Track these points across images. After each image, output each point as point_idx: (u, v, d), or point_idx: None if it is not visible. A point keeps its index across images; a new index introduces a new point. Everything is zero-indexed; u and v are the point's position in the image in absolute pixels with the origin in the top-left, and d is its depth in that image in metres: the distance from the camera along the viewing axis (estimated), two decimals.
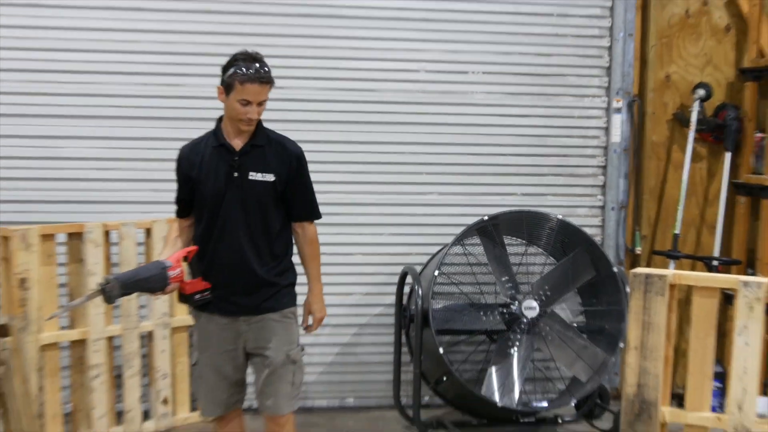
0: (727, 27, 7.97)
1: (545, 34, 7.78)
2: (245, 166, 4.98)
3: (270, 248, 5.09)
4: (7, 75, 7.05)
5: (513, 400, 7.02)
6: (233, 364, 5.17)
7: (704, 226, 8.05)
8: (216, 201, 4.97)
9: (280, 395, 5.13)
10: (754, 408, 5.02)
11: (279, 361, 5.10)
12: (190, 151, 5.11)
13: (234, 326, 5.10)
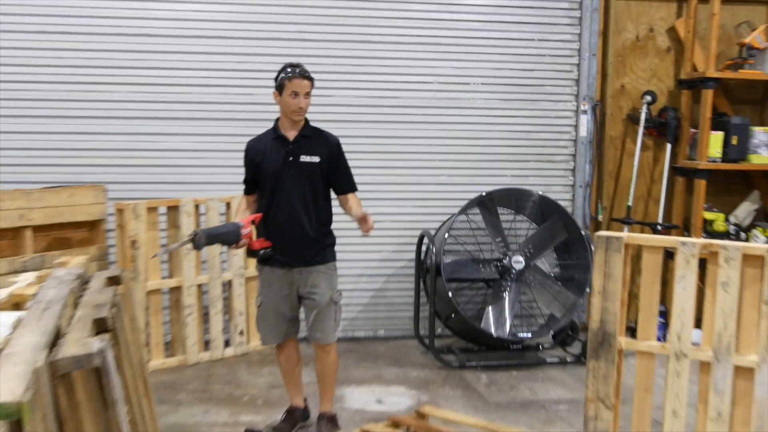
0: (668, 48, 7.97)
1: (529, 54, 7.78)
2: (297, 152, 5.09)
3: (317, 215, 5.15)
4: (121, 88, 7.08)
5: (505, 331, 7.08)
6: (289, 305, 5.24)
7: (651, 199, 8.04)
8: (276, 178, 5.07)
9: (325, 329, 5.19)
10: (690, 338, 4.98)
11: (324, 302, 5.16)
12: (256, 142, 5.24)
13: (289, 276, 5.17)
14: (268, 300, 5.24)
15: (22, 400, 1.96)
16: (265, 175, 5.13)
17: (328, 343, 5.23)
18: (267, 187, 5.12)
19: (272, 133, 5.20)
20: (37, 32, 6.88)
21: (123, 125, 7.12)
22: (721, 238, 7.09)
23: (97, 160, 7.09)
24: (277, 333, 5.29)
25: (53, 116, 6.99)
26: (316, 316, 5.18)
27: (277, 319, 5.26)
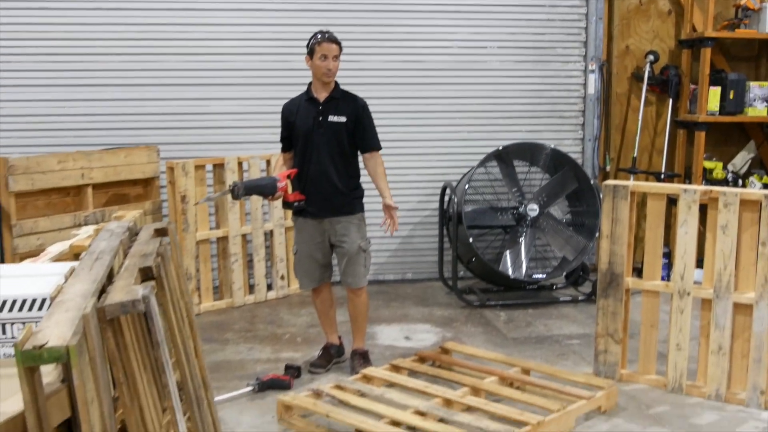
0: (669, 11, 7.82)
1: (540, 19, 7.65)
2: (326, 112, 5.09)
3: (345, 169, 5.15)
4: (171, 58, 7.05)
5: (521, 273, 7.05)
6: (321, 252, 5.24)
7: (654, 150, 7.92)
8: (307, 136, 5.08)
9: (356, 274, 5.20)
10: (692, 277, 4.94)
11: (353, 250, 5.16)
12: (290, 104, 5.25)
13: (321, 225, 5.17)
14: (303, 248, 5.24)
15: (70, 345, 1.91)
16: (297, 133, 5.14)
17: (359, 287, 5.24)
18: (299, 144, 5.13)
19: (305, 96, 5.19)
20: (95, 9, 6.82)
21: (173, 92, 7.08)
22: (720, 185, 7.00)
23: (150, 124, 7.06)
24: (312, 278, 5.30)
25: (110, 85, 6.94)
26: (347, 262, 5.19)
27: (311, 266, 5.26)
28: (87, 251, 2.88)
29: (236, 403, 4.76)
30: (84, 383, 1.96)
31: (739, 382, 4.82)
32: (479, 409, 4.45)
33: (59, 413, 2.17)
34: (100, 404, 2.07)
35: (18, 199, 5.74)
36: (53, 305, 2.23)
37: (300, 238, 5.26)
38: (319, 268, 5.28)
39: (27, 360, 1.89)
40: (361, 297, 5.28)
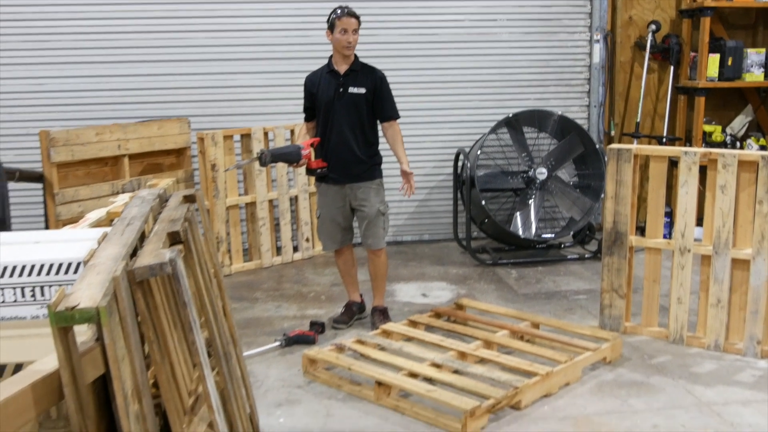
0: None
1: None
2: (346, 84, 5.05)
3: (365, 138, 5.12)
4: (199, 35, 7.02)
5: (531, 233, 7.02)
6: (343, 216, 5.23)
7: (656, 115, 7.80)
8: (328, 107, 5.05)
9: (376, 236, 5.20)
10: (692, 235, 4.90)
11: (373, 213, 5.16)
12: (312, 76, 5.21)
13: (342, 191, 5.16)
14: (326, 212, 5.23)
15: (100, 306, 1.89)
16: (319, 104, 5.11)
17: (379, 248, 5.23)
18: (321, 114, 5.11)
19: (326, 68, 5.15)
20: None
21: (202, 67, 7.04)
22: (719, 148, 6.88)
23: (182, 97, 7.04)
24: (334, 240, 5.29)
25: (143, 61, 6.93)
26: (367, 225, 5.18)
27: (334, 229, 5.25)
28: (119, 217, 2.86)
29: (265, 357, 4.76)
30: (114, 342, 1.94)
31: (737, 333, 4.78)
32: (491, 361, 4.45)
33: (94, 370, 2.16)
34: (131, 361, 2.06)
35: (59, 169, 5.74)
36: (86, 269, 2.21)
37: (323, 202, 5.25)
38: (341, 231, 5.27)
39: (60, 320, 1.88)
40: (380, 257, 5.27)
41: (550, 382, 4.19)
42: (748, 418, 3.94)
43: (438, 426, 3.85)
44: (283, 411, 4.06)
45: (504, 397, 3.93)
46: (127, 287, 2.13)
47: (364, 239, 5.24)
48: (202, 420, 2.28)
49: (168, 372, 2.26)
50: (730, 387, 4.31)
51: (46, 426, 2.24)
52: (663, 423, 3.90)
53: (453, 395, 3.94)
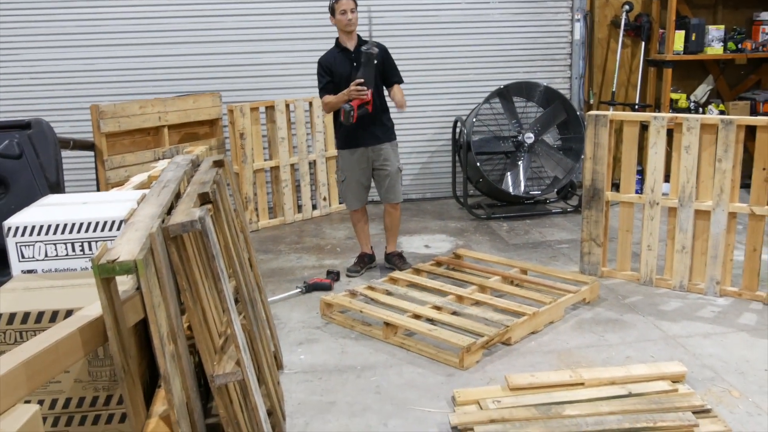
0: None
1: None
2: (358, 57, 4.91)
3: (380, 103, 5.04)
4: (228, 18, 6.91)
5: (520, 190, 6.94)
6: (366, 176, 5.18)
7: (630, 85, 7.66)
8: (347, 79, 4.90)
9: (396, 191, 5.20)
10: (661, 190, 4.83)
11: (394, 171, 5.14)
12: (327, 56, 5.08)
13: (366, 153, 5.09)
14: (351, 175, 5.15)
15: (137, 259, 1.87)
16: (339, 77, 4.96)
17: (399, 201, 5.25)
18: (341, 87, 4.94)
19: (336, 48, 5.06)
20: None
21: (232, 47, 6.94)
22: (684, 113, 6.80)
23: (214, 74, 6.95)
24: (360, 200, 5.23)
25: (180, 42, 6.84)
26: (390, 182, 5.14)
27: (359, 189, 5.19)
28: (157, 181, 2.83)
29: (288, 302, 4.75)
30: (151, 290, 1.92)
31: (699, 274, 4.74)
32: (485, 303, 4.42)
33: (135, 315, 2.15)
34: (167, 307, 2.04)
35: (108, 138, 5.69)
36: (126, 226, 2.19)
37: (348, 166, 5.14)
38: (365, 191, 5.22)
39: (102, 272, 1.86)
40: (397, 210, 5.26)
41: (536, 320, 4.17)
42: (709, 349, 3.91)
43: (439, 360, 3.83)
44: (304, 349, 4.05)
45: (496, 335, 3.92)
46: (162, 242, 2.11)
47: (386, 195, 5.18)
48: (231, 358, 2.27)
49: (200, 317, 2.24)
50: (693, 322, 4.28)
51: (94, 364, 2.23)
52: (635, 354, 3.88)
53: (452, 333, 3.92)
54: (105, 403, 2.28)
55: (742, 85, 7.78)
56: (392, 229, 5.34)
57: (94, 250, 2.51)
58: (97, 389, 2.26)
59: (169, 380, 1.93)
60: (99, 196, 2.99)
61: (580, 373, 3.50)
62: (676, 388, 3.35)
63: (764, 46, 7.34)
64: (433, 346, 3.96)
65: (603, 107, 7.53)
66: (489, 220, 6.69)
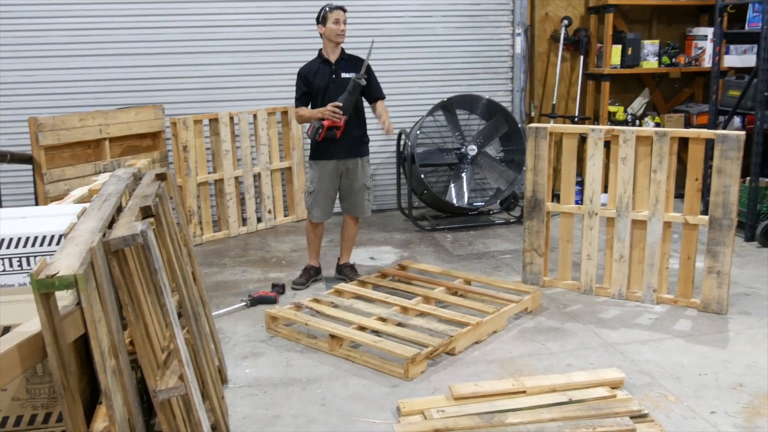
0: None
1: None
2: (338, 71, 5.07)
3: (357, 117, 5.11)
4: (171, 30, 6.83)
5: (464, 202, 7.02)
6: (334, 189, 5.21)
7: (569, 98, 7.84)
8: (325, 90, 5.02)
9: (363, 206, 5.28)
10: (599, 200, 4.95)
11: (361, 186, 5.23)
12: (308, 66, 5.13)
13: (337, 165, 5.12)
14: (320, 186, 5.14)
15: (77, 273, 1.85)
16: (316, 90, 5.02)
17: (365, 216, 5.35)
18: (319, 99, 5.02)
19: (318, 59, 5.10)
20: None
21: (174, 59, 6.85)
22: (622, 126, 6.97)
23: (156, 86, 6.85)
24: (326, 212, 5.22)
25: (122, 54, 6.72)
26: (356, 196, 5.19)
27: (326, 201, 5.19)
28: (98, 194, 2.79)
29: (232, 316, 4.72)
30: (91, 305, 1.90)
31: (637, 283, 4.87)
32: (430, 314, 4.47)
33: (75, 330, 2.12)
34: (108, 322, 2.02)
35: (47, 151, 5.59)
36: (65, 240, 2.16)
37: (318, 177, 5.12)
38: (331, 204, 5.22)
39: (41, 287, 1.84)
40: (357, 223, 5.36)
41: (479, 330, 4.22)
42: (646, 355, 4.02)
43: (384, 372, 3.86)
44: (249, 362, 4.03)
45: (440, 345, 3.96)
46: (103, 256, 2.09)
47: (352, 208, 5.22)
48: (174, 372, 2.25)
49: (142, 331, 2.23)
50: (631, 329, 4.39)
51: (33, 381, 2.19)
52: (575, 362, 3.96)
53: (396, 344, 3.95)
54: (44, 421, 2.24)
55: (676, 98, 8.03)
56: (349, 241, 5.40)
57: (33, 265, 2.47)
58: (36, 407, 2.23)
59: (111, 396, 1.92)
60: (38, 211, 2.94)
61: (522, 381, 3.56)
62: (614, 394, 3.44)
63: (697, 60, 7.59)
64: (378, 357, 3.99)
65: (544, 119, 7.67)
66: (434, 232, 6.75)
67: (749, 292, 4.96)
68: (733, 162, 4.42)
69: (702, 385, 3.66)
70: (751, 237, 6.11)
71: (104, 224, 2.33)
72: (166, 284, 2.29)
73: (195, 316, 2.81)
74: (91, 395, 2.42)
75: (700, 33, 7.65)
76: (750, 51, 7.19)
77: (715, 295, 4.59)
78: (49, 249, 2.46)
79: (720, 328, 4.38)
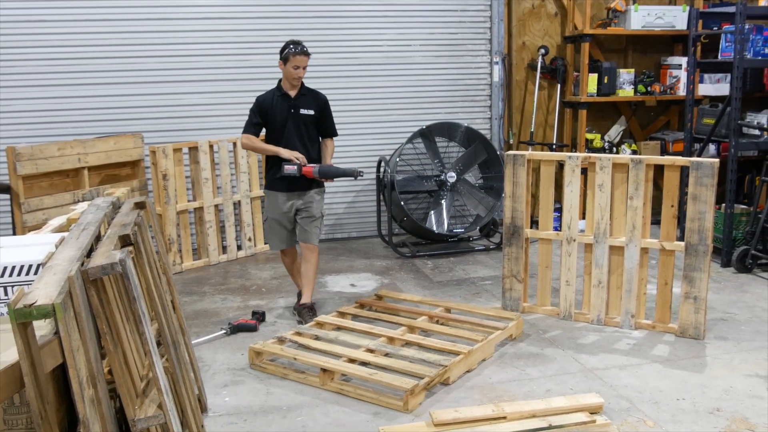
0: (556, 13, 7.81)
1: (454, 21, 7.57)
2: (297, 105, 5.07)
3: (313, 151, 5.13)
4: (151, 60, 6.85)
5: (444, 228, 7.05)
6: (288, 220, 5.17)
7: (547, 126, 7.94)
8: (283, 125, 5.05)
9: (312, 233, 5.16)
10: (577, 227, 4.99)
11: (313, 215, 5.14)
12: (265, 96, 5.12)
13: (291, 197, 5.11)
14: (273, 215, 5.17)
15: (55, 302, 1.85)
16: (272, 122, 5.04)
17: (314, 243, 5.15)
18: (275, 132, 5.06)
19: (277, 91, 5.09)
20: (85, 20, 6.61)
21: (153, 88, 6.87)
22: (599, 153, 7.05)
23: (135, 115, 6.85)
24: (282, 240, 5.22)
25: (100, 84, 6.72)
26: (307, 224, 5.12)
27: (280, 231, 5.18)
28: (76, 223, 2.80)
29: (212, 344, 4.70)
30: (69, 334, 1.90)
31: (615, 308, 4.91)
32: (416, 344, 4.45)
33: (52, 360, 2.11)
34: (86, 351, 2.02)
35: (25, 181, 5.58)
36: (43, 270, 2.16)
37: (271, 207, 5.16)
38: (287, 233, 5.20)
39: (19, 317, 1.84)
40: (314, 254, 5.15)
41: (471, 358, 4.22)
42: (625, 380, 4.05)
43: (381, 405, 3.80)
44: (229, 391, 4.02)
45: (436, 375, 3.94)
46: (82, 285, 2.09)
47: (302, 235, 5.14)
48: (153, 401, 2.25)
49: (121, 360, 2.23)
50: (610, 354, 4.42)
51: (10, 412, 2.18)
52: (555, 387, 3.98)
53: (394, 377, 3.91)
54: None
55: (653, 125, 8.15)
56: (307, 275, 5.20)
57: (11, 294, 2.46)
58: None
59: (89, 426, 1.91)
60: (15, 240, 2.94)
61: (503, 407, 3.57)
62: (594, 419, 3.46)
63: (672, 88, 7.72)
64: (373, 390, 3.93)
65: (522, 147, 7.75)
66: (414, 258, 6.77)
67: (726, 317, 5.02)
68: (708, 189, 4.49)
69: (680, 409, 3.70)
70: (728, 263, 6.19)
71: (83, 253, 2.33)
72: (144, 313, 2.29)
73: (174, 345, 2.81)
74: (69, 425, 2.40)
75: (674, 62, 7.79)
76: (723, 80, 7.35)
77: (692, 321, 4.64)
78: (27, 278, 2.46)
79: (697, 353, 4.42)
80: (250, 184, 6.92)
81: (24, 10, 6.47)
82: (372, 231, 7.56)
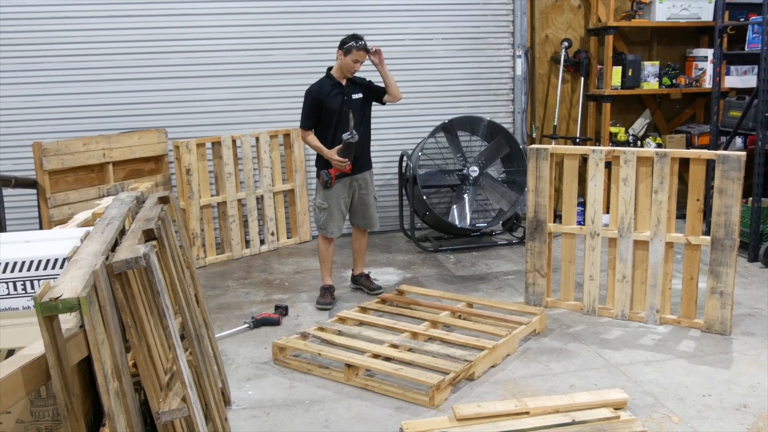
0: (579, 5, 7.75)
1: (476, 15, 7.54)
2: (349, 92, 5.28)
3: (366, 135, 5.40)
4: (175, 55, 6.90)
5: (466, 223, 7.02)
6: (346, 205, 5.41)
7: (570, 119, 7.88)
8: (337, 112, 5.22)
9: (375, 218, 5.57)
10: (601, 221, 4.96)
11: (372, 199, 5.51)
12: (318, 88, 5.26)
13: (350, 181, 5.36)
14: (334, 203, 5.31)
15: (80, 296, 1.87)
16: (328, 111, 5.21)
17: (377, 228, 5.65)
18: (333, 120, 5.22)
19: (328, 81, 5.28)
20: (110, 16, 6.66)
21: (177, 83, 6.92)
22: (623, 146, 7.00)
23: (159, 110, 6.91)
24: (340, 227, 5.39)
25: (125, 79, 6.79)
26: (370, 210, 5.47)
27: (340, 217, 5.37)
28: (101, 218, 2.82)
29: (235, 338, 4.72)
30: (94, 327, 1.92)
31: (640, 303, 4.87)
32: (440, 339, 4.43)
33: (78, 353, 2.14)
34: (111, 344, 2.04)
35: (51, 176, 5.64)
36: (69, 264, 2.18)
37: (332, 195, 5.30)
38: (343, 219, 5.41)
39: (45, 310, 1.85)
40: (367, 235, 5.64)
41: (496, 354, 4.21)
42: (649, 376, 4.02)
43: (406, 400, 3.79)
44: (252, 384, 4.04)
45: (462, 370, 3.92)
46: (106, 279, 2.11)
47: (364, 221, 5.50)
48: (177, 394, 2.26)
49: (145, 353, 2.24)
50: (634, 350, 4.39)
51: (37, 404, 2.20)
52: (578, 383, 3.95)
53: (419, 372, 3.89)
54: None
55: (678, 118, 8.07)
56: (361, 251, 5.66)
57: (37, 288, 2.49)
58: (40, 429, 2.23)
59: (114, 418, 1.93)
60: (42, 235, 2.96)
61: (526, 402, 3.56)
62: (618, 415, 3.43)
63: (697, 81, 7.63)
64: (398, 385, 3.92)
65: (545, 141, 7.70)
66: (436, 253, 6.76)
67: (753, 313, 4.97)
68: (734, 182, 4.44)
69: (706, 405, 3.66)
70: (754, 257, 6.12)
71: (107, 247, 2.35)
72: (168, 306, 2.30)
73: (198, 338, 2.83)
74: (95, 417, 2.43)
75: (700, 54, 7.70)
76: (750, 72, 7.24)
77: (718, 316, 4.59)
78: (52, 272, 2.48)
79: (723, 349, 4.38)
80: (273, 178, 6.94)
81: (49, 7, 6.55)
82: (394, 225, 7.56)
